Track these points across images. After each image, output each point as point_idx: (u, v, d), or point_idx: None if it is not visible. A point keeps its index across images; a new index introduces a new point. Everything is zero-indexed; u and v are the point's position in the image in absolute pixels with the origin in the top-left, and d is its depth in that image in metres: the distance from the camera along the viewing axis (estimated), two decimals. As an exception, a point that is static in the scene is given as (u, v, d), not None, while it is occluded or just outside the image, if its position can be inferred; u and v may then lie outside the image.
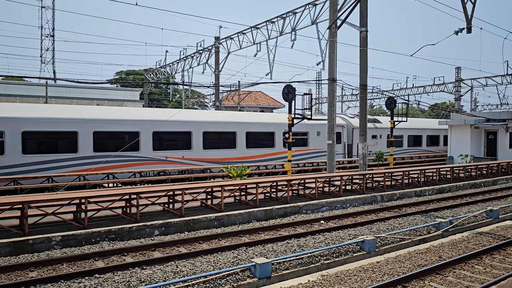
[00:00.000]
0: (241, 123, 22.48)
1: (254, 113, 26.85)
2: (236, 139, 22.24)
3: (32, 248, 8.80)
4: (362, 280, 7.42)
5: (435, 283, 7.37)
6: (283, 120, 23.92)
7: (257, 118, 23.82)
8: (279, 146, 23.81)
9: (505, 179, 22.04)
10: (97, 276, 7.38)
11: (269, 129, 23.55)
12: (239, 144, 22.36)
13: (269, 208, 12.62)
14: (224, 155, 21.76)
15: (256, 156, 22.97)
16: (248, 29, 25.32)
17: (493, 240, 10.33)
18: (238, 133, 22.23)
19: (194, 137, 20.67)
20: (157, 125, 19.59)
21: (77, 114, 17.86)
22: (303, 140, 25.02)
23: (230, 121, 22.22)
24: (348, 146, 27.88)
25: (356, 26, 18.60)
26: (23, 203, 9.26)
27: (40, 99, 33.83)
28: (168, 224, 10.56)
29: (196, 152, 20.79)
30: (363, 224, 11.86)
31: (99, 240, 9.55)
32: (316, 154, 25.54)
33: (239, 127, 22.34)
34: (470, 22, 14.31)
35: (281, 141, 23.82)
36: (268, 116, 25.20)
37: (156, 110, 21.82)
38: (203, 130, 20.95)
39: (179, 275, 7.39)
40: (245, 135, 22.49)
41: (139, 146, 19.05)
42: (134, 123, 19.02)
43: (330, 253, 8.99)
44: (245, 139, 22.51)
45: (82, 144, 17.60)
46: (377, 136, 29.64)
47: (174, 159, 19.99)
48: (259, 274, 7.51)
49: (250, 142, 22.78)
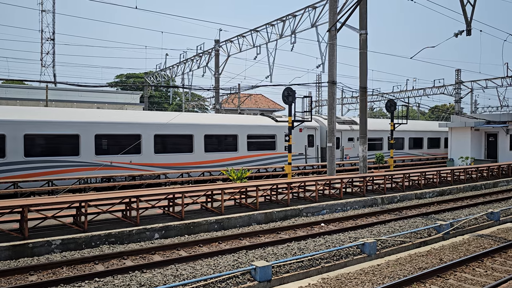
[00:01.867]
0: (198, 125, 20.92)
1: (214, 114, 25.55)
2: (193, 143, 20.66)
3: (32, 251, 8.78)
4: (363, 283, 7.39)
5: (436, 286, 7.34)
6: (247, 121, 22.97)
7: (217, 120, 22.26)
8: (242, 149, 22.26)
9: (506, 181, 22.00)
10: (97, 279, 7.35)
11: (231, 131, 21.94)
12: (196, 148, 20.78)
13: (269, 211, 12.60)
14: (179, 159, 20.18)
15: (216, 161, 21.38)
16: (248, 32, 25.37)
17: (494, 243, 10.30)
18: (195, 136, 20.69)
19: (144, 140, 19.14)
20: (101, 127, 18.07)
21: (3, 115, 16.38)
22: (270, 143, 23.47)
23: (185, 123, 20.67)
24: (322, 150, 26.27)
25: (356, 28, 18.63)
26: (23, 206, 9.25)
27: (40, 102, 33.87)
28: (168, 227, 10.54)
29: (147, 156, 19.25)
30: (364, 226, 11.84)
31: (99, 243, 9.53)
32: (285, 158, 23.52)
33: (196, 129, 20.79)
34: (470, 25, 14.33)
35: (245, 144, 22.32)
36: (230, 118, 23.58)
37: (101, 111, 20.31)
38: (154, 133, 19.42)
39: (179, 279, 7.36)
40: (203, 138, 20.94)
41: (79, 150, 17.51)
42: (73, 125, 17.50)
43: (330, 256, 8.96)
44: (204, 142, 20.94)
45: (11, 148, 16.06)
46: (354, 138, 28.03)
47: (121, 164, 18.48)
48: (260, 277, 7.49)
49: (209, 145, 21.21)
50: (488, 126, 29.44)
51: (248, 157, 22.43)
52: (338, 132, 26.14)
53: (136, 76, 56.87)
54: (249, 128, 22.58)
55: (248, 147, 22.48)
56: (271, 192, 14.45)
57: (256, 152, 22.76)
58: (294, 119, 17.42)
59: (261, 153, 22.96)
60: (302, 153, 24.73)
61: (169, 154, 20.01)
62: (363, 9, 18.49)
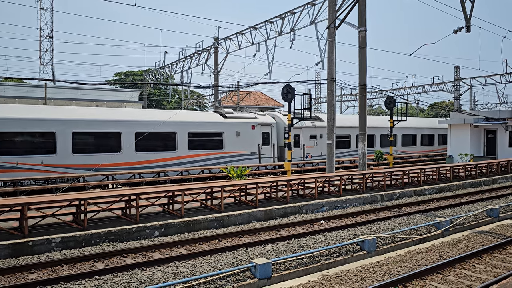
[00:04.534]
0: (128, 122, 18.94)
1: (149, 110, 23.07)
2: (122, 141, 18.66)
3: (31, 250, 8.78)
4: (363, 280, 7.40)
5: (436, 283, 7.36)
6: (188, 118, 21.07)
7: (151, 116, 20.25)
8: (182, 148, 20.38)
9: (505, 178, 22.03)
10: (97, 277, 7.36)
11: (169, 128, 20.03)
12: (125, 147, 18.72)
13: (269, 209, 12.60)
14: (104, 160, 18.04)
15: (150, 162, 19.38)
16: (247, 29, 25.30)
17: (493, 239, 10.32)
18: (124, 134, 18.70)
19: (60, 138, 17.09)
20: (5, 124, 16.09)
21: None
22: (217, 141, 21.69)
23: (112, 119, 18.60)
24: (279, 148, 24.33)
25: (355, 25, 18.59)
26: (22, 204, 9.24)
27: (39, 100, 33.82)
28: (168, 225, 10.55)
29: (62, 157, 17.16)
30: (363, 223, 11.85)
31: (99, 241, 9.53)
32: (235, 158, 22.14)
33: (125, 126, 18.76)
34: (469, 21, 14.31)
35: (185, 143, 20.45)
36: (167, 113, 21.33)
37: (10, 106, 18.28)
38: (73, 130, 17.42)
39: (179, 276, 7.37)
40: (133, 136, 18.96)
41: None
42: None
43: (330, 253, 8.97)
44: (134, 141, 18.95)
45: None
46: (317, 136, 25.72)
47: (29, 166, 16.38)
48: (260, 275, 7.50)
49: (142, 144, 19.15)
50: (487, 122, 29.48)
51: (189, 157, 20.60)
52: (298, 129, 24.55)
53: (135, 74, 56.79)
54: (191, 125, 20.73)
55: (189, 146, 20.64)
56: (270, 190, 14.46)
57: (199, 152, 20.95)
58: (293, 116, 17.44)
59: (206, 153, 21.18)
60: (255, 152, 23.00)
61: (92, 154, 17.92)
62: (362, 6, 18.44)
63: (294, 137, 24.34)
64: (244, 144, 22.46)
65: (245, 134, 22.48)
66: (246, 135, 22.53)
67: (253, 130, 23.04)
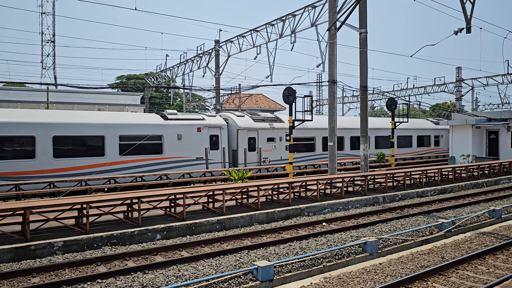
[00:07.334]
0: (44, 124, 16.71)
1: (71, 111, 20.71)
2: (36, 146, 16.49)
3: (34, 253, 8.80)
4: (365, 281, 7.39)
5: (438, 284, 7.34)
6: (119, 119, 19.07)
7: (73, 118, 17.90)
8: (112, 154, 18.28)
9: (508, 179, 21.97)
10: (99, 281, 7.37)
11: (95, 131, 17.94)
12: (40, 153, 16.60)
13: (270, 211, 12.60)
14: (12, 168, 15.95)
15: (71, 169, 17.26)
16: (248, 32, 25.37)
17: (496, 240, 10.29)
18: (39, 138, 16.54)
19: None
20: None
21: None
22: (155, 146, 19.58)
23: (24, 121, 16.36)
24: (233, 153, 22.36)
25: (356, 27, 18.62)
26: (24, 209, 9.27)
27: (41, 104, 33.94)
28: (170, 228, 10.56)
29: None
30: (365, 225, 11.83)
31: (101, 245, 9.54)
32: (176, 164, 20.11)
33: (40, 129, 16.60)
34: (470, 22, 14.31)
35: (116, 147, 18.37)
36: (94, 115, 19.15)
37: None
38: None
39: (181, 279, 7.38)
40: (51, 140, 16.84)
41: None
42: None
43: (332, 255, 8.96)
44: (52, 145, 16.87)
45: None
46: (275, 138, 23.61)
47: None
48: (262, 277, 7.50)
49: (61, 149, 17.11)
50: (489, 123, 29.41)
51: (121, 163, 18.51)
52: (254, 132, 22.72)
53: (136, 77, 56.96)
54: (122, 128, 18.61)
55: (120, 151, 18.51)
56: (272, 192, 14.46)
57: (133, 157, 18.85)
58: (295, 118, 17.43)
59: (141, 158, 19.10)
60: (202, 157, 20.93)
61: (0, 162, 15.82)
62: (362, 8, 18.47)
63: (249, 140, 22.60)
64: (188, 148, 20.39)
65: (189, 137, 20.44)
66: (190, 138, 20.50)
67: (199, 133, 20.91)
